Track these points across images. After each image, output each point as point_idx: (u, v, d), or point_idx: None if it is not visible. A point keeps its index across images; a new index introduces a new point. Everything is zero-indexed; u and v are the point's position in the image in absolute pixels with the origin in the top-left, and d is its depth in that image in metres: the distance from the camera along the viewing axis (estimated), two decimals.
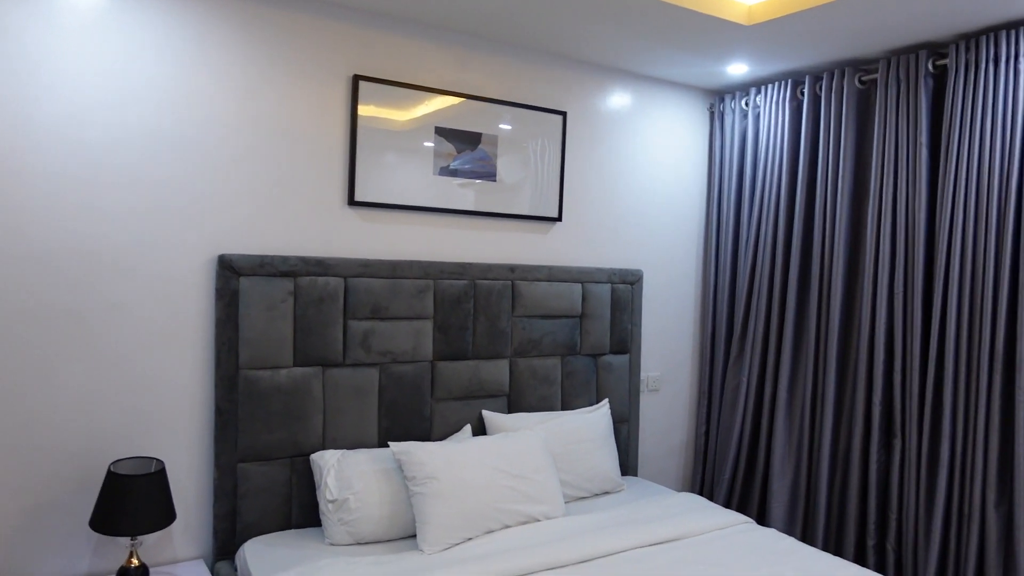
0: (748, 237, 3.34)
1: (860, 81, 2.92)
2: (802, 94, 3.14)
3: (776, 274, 3.18)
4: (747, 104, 3.38)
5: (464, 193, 2.88)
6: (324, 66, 2.56)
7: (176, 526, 2.38)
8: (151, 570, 2.29)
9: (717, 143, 3.52)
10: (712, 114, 3.58)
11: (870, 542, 2.84)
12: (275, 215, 2.51)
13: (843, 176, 2.94)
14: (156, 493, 2.12)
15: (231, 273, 2.38)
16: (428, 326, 2.76)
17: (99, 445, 2.25)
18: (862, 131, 2.96)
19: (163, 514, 2.13)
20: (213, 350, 2.41)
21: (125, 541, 2.27)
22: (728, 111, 3.46)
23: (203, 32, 2.34)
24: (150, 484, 2.10)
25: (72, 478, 2.21)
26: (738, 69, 3.16)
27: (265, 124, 2.47)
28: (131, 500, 2.06)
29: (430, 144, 2.78)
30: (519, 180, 3.01)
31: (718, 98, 3.53)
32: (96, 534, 2.24)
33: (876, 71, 2.86)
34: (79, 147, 2.18)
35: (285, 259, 2.46)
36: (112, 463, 2.16)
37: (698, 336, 3.68)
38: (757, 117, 3.34)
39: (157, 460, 2.23)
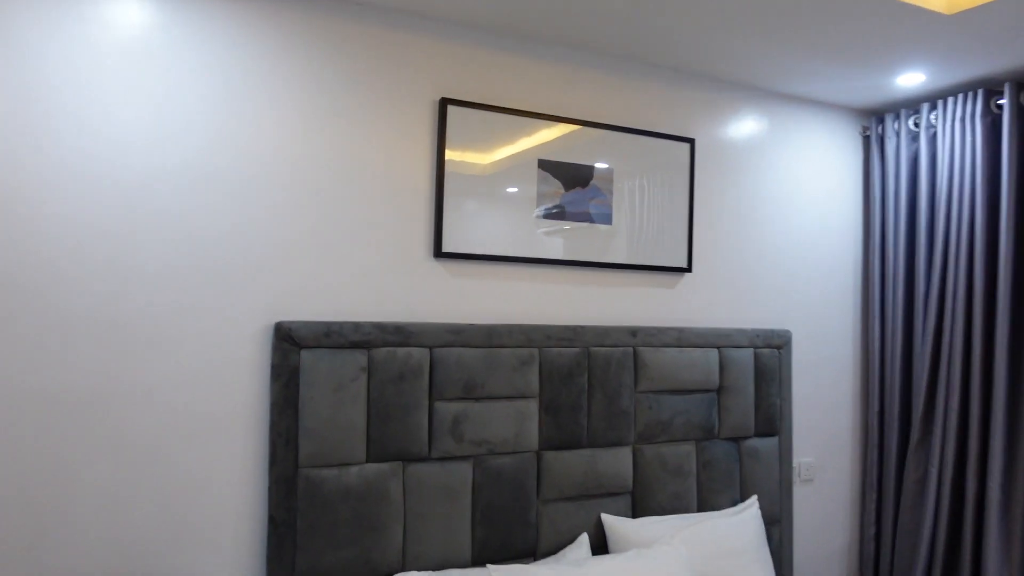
0: (929, 290, 2.64)
1: None
2: (999, 107, 2.47)
3: (975, 336, 2.47)
4: (917, 124, 2.73)
5: (574, 240, 2.33)
6: (405, 90, 2.10)
7: None
8: None
9: (876, 173, 2.87)
10: (867, 138, 2.93)
11: None
12: (344, 272, 2.02)
13: None
14: None
15: (290, 345, 1.88)
16: (533, 407, 2.19)
17: (122, 565, 1.76)
18: None
19: None
20: (267, 444, 1.91)
21: None
22: (890, 133, 2.81)
23: (262, 55, 1.92)
24: None
25: None
26: (911, 79, 2.53)
27: (334, 163, 2.01)
28: None
29: (532, 182, 2.26)
30: (639, 223, 2.44)
31: (875, 119, 2.88)
32: None
33: None
34: (108, 192, 1.75)
35: (357, 326, 1.95)
36: None
37: (860, 413, 2.96)
38: (933, 138, 2.67)
39: None
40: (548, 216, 2.29)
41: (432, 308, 2.14)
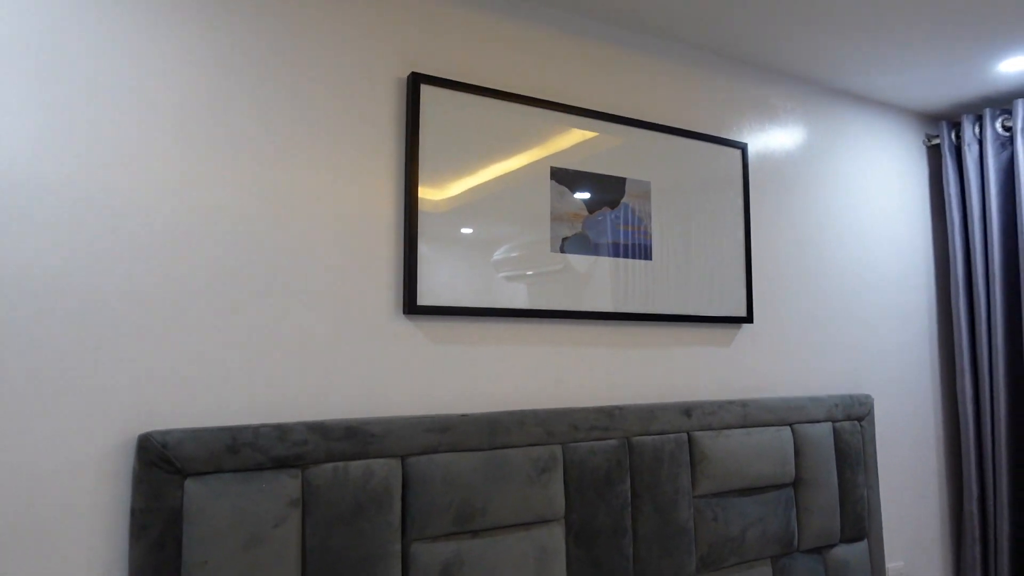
0: None
1: None
2: None
3: None
4: (1008, 127, 2.16)
5: (603, 284, 1.63)
6: (367, 66, 1.38)
7: None
8: None
9: (953, 190, 2.28)
10: (936, 147, 2.36)
11: None
12: (258, 345, 1.25)
13: None
14: None
15: (166, 472, 1.10)
16: (558, 536, 1.45)
17: None
18: None
19: None
20: None
21: None
22: (970, 140, 2.23)
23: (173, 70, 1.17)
24: None
25: None
26: (1016, 65, 1.96)
27: (258, 190, 1.26)
28: None
29: (545, 199, 1.56)
30: (685, 257, 1.77)
31: (947, 124, 2.31)
32: None
33: None
34: None
35: (282, 431, 1.19)
36: None
37: (952, 496, 2.31)
38: None
39: None
40: (570, 250, 1.59)
41: (403, 393, 1.39)
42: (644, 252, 1.70)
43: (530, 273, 1.53)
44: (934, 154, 2.38)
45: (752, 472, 1.74)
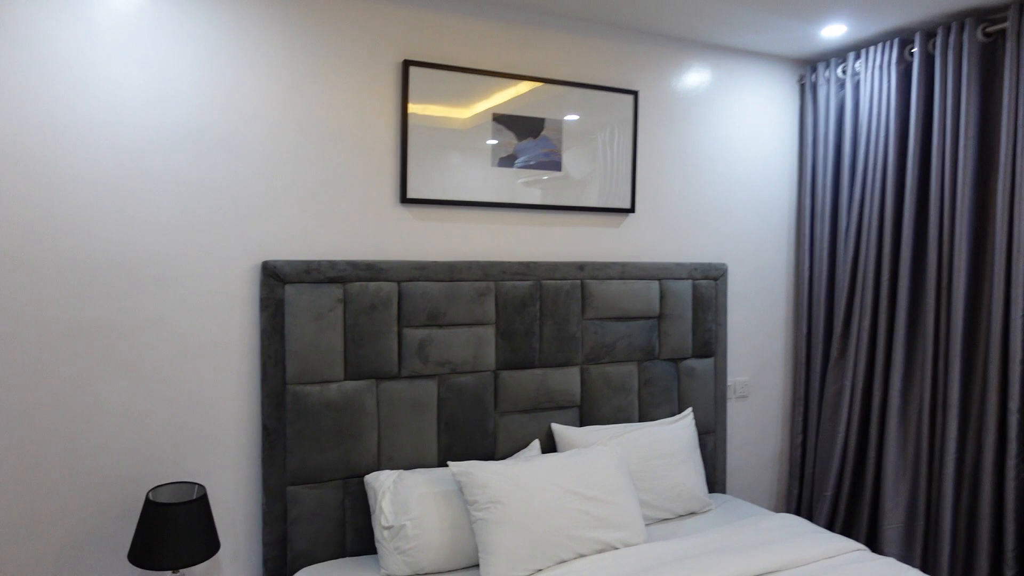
0: (849, 222, 2.95)
1: (984, 33, 2.49)
2: (911, 54, 2.73)
3: (884, 263, 2.79)
4: (844, 71, 2.99)
5: (527, 186, 2.62)
6: (371, 53, 2.35)
7: (224, 554, 2.22)
8: None
9: (809, 118, 3.14)
10: (803, 86, 3.19)
11: (1008, 574, 2.43)
12: (321, 217, 2.32)
13: (965, 145, 2.52)
14: (197, 522, 1.95)
15: (276, 281, 2.20)
16: (490, 332, 2.52)
17: (141, 468, 2.11)
18: (987, 92, 2.53)
19: (205, 545, 1.97)
20: (259, 364, 2.24)
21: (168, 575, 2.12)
22: (822, 81, 3.07)
23: (241, 26, 2.17)
24: (190, 513, 1.94)
25: (113, 504, 2.08)
26: (835, 31, 2.78)
27: (309, 120, 2.28)
28: (170, 530, 1.90)
29: (488, 135, 2.54)
30: (587, 169, 2.73)
31: (809, 68, 3.14)
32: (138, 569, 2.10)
33: (1005, 19, 2.44)
34: (115, 151, 2.03)
35: (333, 264, 2.26)
36: (151, 490, 2.01)
37: (791, 336, 3.30)
38: (857, 85, 2.94)
39: (198, 485, 2.07)
40: (503, 165, 2.57)
41: (399, 247, 2.44)
42: (556, 167, 2.67)
43: (477, 179, 2.53)
44: (803, 91, 3.21)
45: (625, 307, 2.76)
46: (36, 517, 1.99)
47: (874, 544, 2.81)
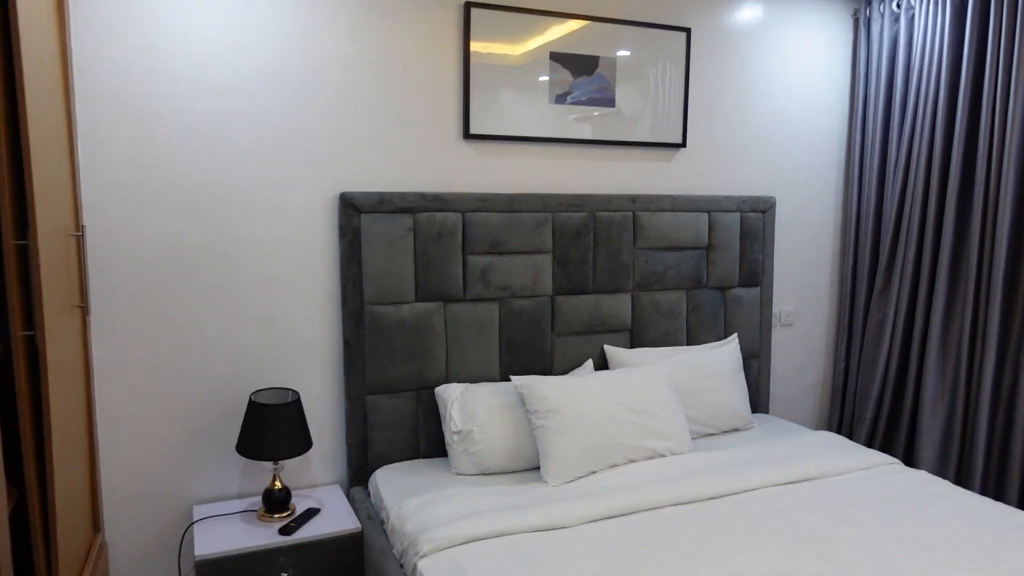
0: (898, 157, 3.01)
1: None
2: None
3: (931, 197, 2.86)
4: (899, 6, 3.00)
5: (581, 122, 2.76)
6: None
7: (313, 453, 2.51)
8: (293, 492, 2.44)
9: (863, 54, 3.17)
10: (857, 21, 3.21)
11: None
12: (392, 152, 2.51)
13: (1017, 82, 2.56)
14: (293, 422, 2.23)
15: (352, 211, 2.41)
16: (547, 260, 2.70)
17: (241, 375, 2.39)
18: None
19: (301, 441, 2.25)
20: (339, 286, 2.48)
21: (269, 465, 2.42)
22: (876, 16, 3.09)
23: None
24: (288, 413, 2.22)
25: (219, 406, 2.37)
26: None
27: (379, 60, 2.45)
28: (271, 428, 2.19)
29: (545, 72, 2.67)
30: (640, 105, 2.85)
31: (864, 2, 3.15)
32: (243, 458, 2.40)
33: None
34: (205, 93, 2.25)
35: (403, 195, 2.47)
36: (253, 393, 2.29)
37: (837, 267, 3.40)
38: (911, 20, 2.96)
39: (293, 391, 2.34)
40: (559, 102, 2.71)
41: (464, 180, 2.63)
42: (610, 103, 2.80)
43: (535, 115, 2.68)
44: (856, 25, 3.23)
45: (675, 237, 2.91)
46: (154, 415, 2.29)
47: (911, 461, 2.97)
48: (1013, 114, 2.57)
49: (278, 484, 2.28)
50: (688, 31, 2.87)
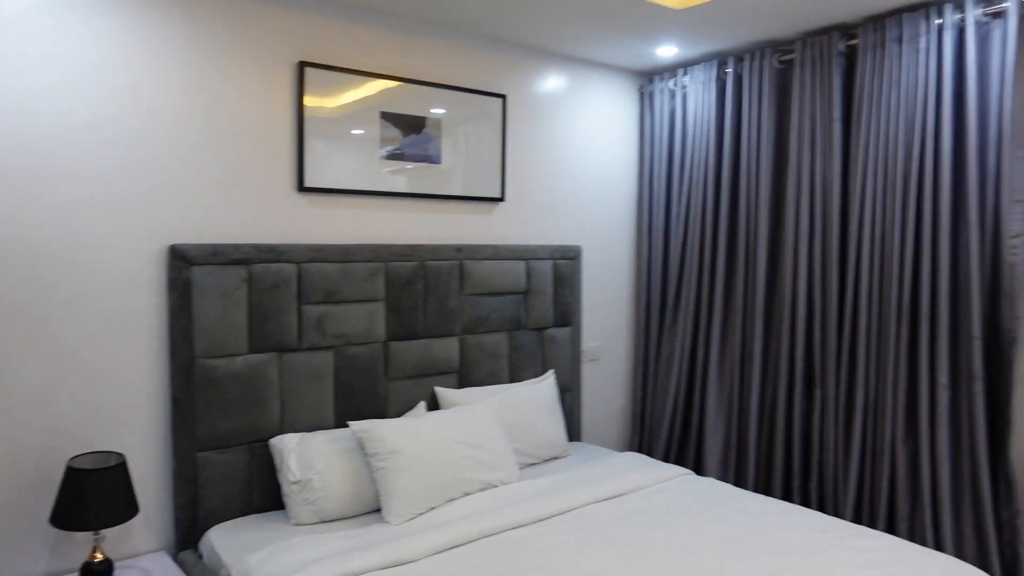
0: (679, 212, 3.53)
1: (779, 61, 3.12)
2: (726, 74, 3.33)
3: (705, 246, 3.39)
4: (675, 84, 3.55)
5: (411, 176, 2.94)
6: (269, 53, 2.56)
7: (136, 519, 2.38)
8: (115, 564, 2.30)
9: (648, 123, 3.69)
10: (643, 95, 3.73)
11: (795, 483, 3.11)
12: (226, 204, 2.51)
13: (765, 150, 3.16)
14: (118, 486, 2.12)
15: (183, 263, 2.37)
16: (380, 308, 2.82)
17: (56, 441, 2.22)
18: (782, 108, 3.18)
19: (127, 506, 2.14)
20: (167, 340, 2.41)
21: (86, 537, 2.26)
22: (657, 91, 3.62)
23: (144, 20, 2.30)
24: (112, 477, 2.10)
25: (28, 475, 2.18)
26: (667, 51, 3.32)
27: (213, 113, 2.46)
28: (93, 494, 2.06)
29: (376, 130, 2.82)
30: (463, 162, 3.09)
31: (647, 80, 3.69)
32: (54, 532, 2.22)
33: (793, 51, 3.08)
34: (24, 139, 2.12)
35: (238, 247, 2.47)
36: (71, 459, 2.14)
37: (633, 308, 3.87)
38: (685, 97, 3.52)
39: (117, 454, 2.22)
40: (390, 157, 2.87)
41: (299, 232, 2.68)
42: (437, 159, 3.01)
43: (367, 170, 2.82)
44: (643, 99, 3.76)
45: (497, 283, 3.17)
46: None
47: (700, 470, 3.44)
48: (763, 176, 3.16)
49: (99, 556, 2.14)
50: (504, 97, 3.18)
